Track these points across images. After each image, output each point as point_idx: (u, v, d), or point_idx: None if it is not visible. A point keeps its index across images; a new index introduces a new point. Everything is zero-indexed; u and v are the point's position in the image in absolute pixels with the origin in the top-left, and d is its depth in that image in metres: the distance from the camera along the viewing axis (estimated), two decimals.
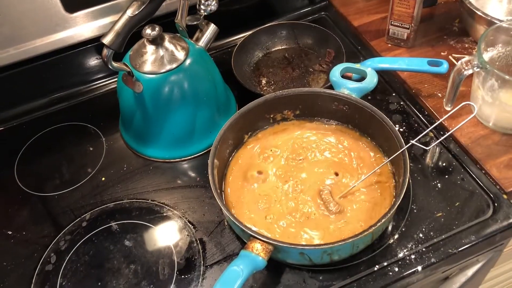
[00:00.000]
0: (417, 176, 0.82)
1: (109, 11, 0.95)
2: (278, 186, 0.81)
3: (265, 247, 0.67)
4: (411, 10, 0.95)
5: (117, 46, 0.72)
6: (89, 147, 0.94)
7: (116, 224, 0.82)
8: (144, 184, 0.87)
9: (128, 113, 0.88)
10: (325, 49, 1.04)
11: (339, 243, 0.65)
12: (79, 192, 0.87)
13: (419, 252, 0.73)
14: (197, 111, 0.87)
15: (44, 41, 0.94)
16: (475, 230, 0.75)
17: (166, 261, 0.77)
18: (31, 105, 1.02)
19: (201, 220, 0.81)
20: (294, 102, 0.87)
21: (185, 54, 0.84)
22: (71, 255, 0.79)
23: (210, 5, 0.87)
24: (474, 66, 0.77)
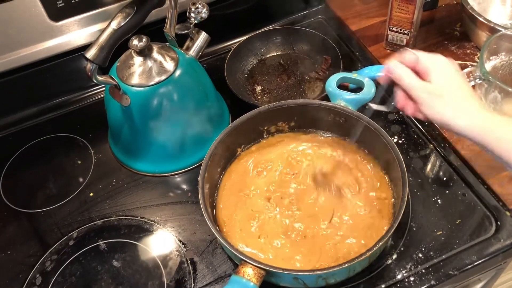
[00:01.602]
0: (416, 192, 0.79)
1: (96, 19, 0.91)
2: (271, 202, 0.77)
3: (257, 272, 0.64)
4: (411, 15, 0.92)
5: (101, 61, 0.68)
6: (77, 160, 0.91)
7: (104, 243, 0.79)
8: (133, 200, 0.84)
9: (116, 126, 0.85)
10: (321, 56, 1.01)
11: (335, 268, 0.62)
12: (67, 209, 0.84)
13: (418, 274, 0.71)
14: (188, 124, 0.84)
15: (30, 50, 0.91)
16: (477, 250, 0.72)
17: (156, 282, 0.74)
18: (17, 116, 0.99)
19: (192, 238, 0.78)
20: (288, 114, 0.84)
21: (174, 64, 0.81)
22: (57, 277, 0.76)
23: (201, 12, 0.83)
24: (476, 78, 0.74)
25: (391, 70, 0.64)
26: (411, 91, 0.62)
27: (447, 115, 0.60)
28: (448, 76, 0.61)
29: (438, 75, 0.61)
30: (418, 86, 0.62)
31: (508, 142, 0.57)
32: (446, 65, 0.62)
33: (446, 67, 0.62)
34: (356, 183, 0.78)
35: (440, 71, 0.62)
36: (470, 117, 0.59)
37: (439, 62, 0.63)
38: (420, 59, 0.63)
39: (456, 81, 0.61)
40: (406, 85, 0.63)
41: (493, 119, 0.59)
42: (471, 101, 0.60)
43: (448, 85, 0.61)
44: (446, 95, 0.60)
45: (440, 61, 0.63)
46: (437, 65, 0.62)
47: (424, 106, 0.62)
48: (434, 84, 0.61)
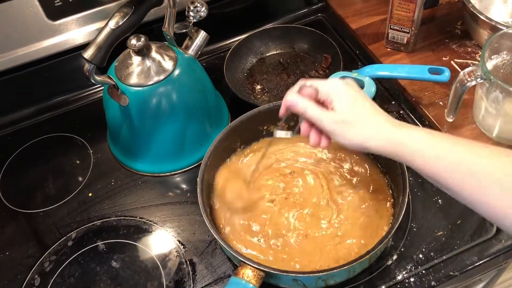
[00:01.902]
0: (416, 192, 0.79)
1: (94, 18, 0.90)
2: (271, 203, 0.77)
3: (256, 274, 0.63)
4: (411, 14, 0.91)
5: (98, 61, 0.68)
6: (76, 160, 0.91)
7: (103, 244, 0.79)
8: (132, 200, 0.84)
9: (115, 126, 0.85)
10: (321, 54, 1.00)
11: (335, 270, 0.62)
12: (65, 209, 0.84)
13: (418, 275, 0.70)
14: (187, 124, 0.83)
15: (28, 49, 0.90)
16: (478, 251, 0.72)
17: (155, 283, 0.73)
18: (15, 115, 0.98)
19: (191, 239, 0.78)
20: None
21: (173, 64, 0.80)
22: (56, 277, 0.76)
23: (200, 11, 0.83)
24: (478, 77, 0.73)
25: (293, 105, 0.62)
26: (318, 123, 0.60)
27: (359, 139, 0.58)
28: (350, 99, 0.59)
29: (340, 101, 0.59)
30: (324, 117, 0.59)
31: (421, 153, 0.54)
32: (345, 88, 0.60)
33: (346, 90, 0.60)
34: (355, 183, 0.78)
35: (341, 97, 0.59)
36: (380, 135, 0.57)
37: (337, 87, 0.60)
38: (319, 88, 0.61)
39: (358, 102, 0.59)
40: (311, 117, 0.61)
41: (400, 132, 0.56)
42: (377, 118, 0.58)
43: (351, 109, 0.59)
44: (352, 121, 0.58)
45: (338, 86, 0.61)
46: (337, 91, 0.60)
47: (334, 135, 0.60)
48: (338, 112, 0.59)
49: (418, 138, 0.55)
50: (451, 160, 0.52)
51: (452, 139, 0.54)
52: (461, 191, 0.52)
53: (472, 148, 0.52)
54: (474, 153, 0.51)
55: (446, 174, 0.52)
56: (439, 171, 0.53)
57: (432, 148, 0.54)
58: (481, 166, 0.50)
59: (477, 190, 0.50)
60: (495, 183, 0.49)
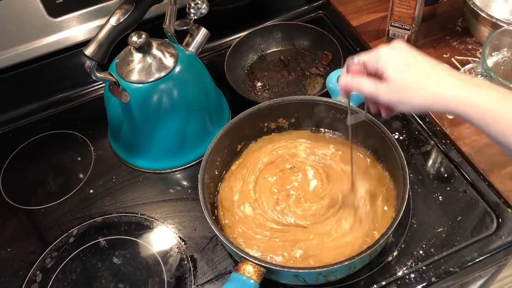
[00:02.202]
0: (417, 188, 0.79)
1: (95, 15, 0.91)
2: (273, 199, 0.77)
3: (257, 270, 0.64)
4: (412, 11, 0.91)
5: (99, 57, 0.68)
6: (77, 157, 0.91)
7: (104, 240, 0.79)
8: (133, 197, 0.84)
9: (116, 123, 0.85)
10: (322, 51, 1.00)
11: (335, 266, 0.62)
12: (67, 206, 0.84)
13: (419, 271, 0.70)
14: (187, 120, 0.83)
15: (29, 47, 0.90)
16: (478, 247, 0.72)
17: (156, 279, 0.74)
18: (17, 112, 0.98)
19: (192, 235, 0.78)
20: (289, 111, 0.83)
21: (174, 61, 0.80)
22: (57, 273, 0.76)
23: (201, 8, 0.83)
24: (478, 74, 0.74)
25: (347, 87, 0.60)
26: (376, 98, 0.58)
27: (423, 104, 0.55)
28: (401, 64, 0.56)
29: (391, 69, 0.56)
30: (380, 90, 0.57)
31: (491, 116, 0.52)
32: (393, 54, 0.57)
33: (394, 56, 0.57)
34: (355, 179, 0.78)
35: (392, 63, 0.56)
36: (443, 95, 0.54)
37: (385, 54, 0.57)
38: (366, 62, 0.59)
39: (411, 64, 0.56)
40: (368, 94, 0.59)
41: (464, 91, 0.53)
42: (437, 76, 0.55)
43: (405, 74, 0.55)
44: (409, 86, 0.55)
45: (385, 53, 0.58)
46: (385, 59, 0.57)
47: (396, 106, 0.57)
48: (392, 81, 0.56)
49: (484, 101, 0.52)
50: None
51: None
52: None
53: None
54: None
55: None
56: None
57: (502, 113, 0.51)
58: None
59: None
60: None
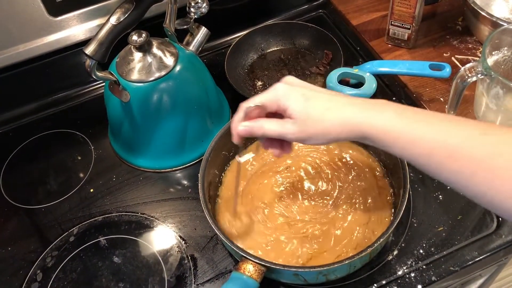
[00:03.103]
0: (417, 187, 0.79)
1: (95, 14, 0.90)
2: (273, 198, 0.77)
3: (257, 269, 0.64)
4: (412, 10, 0.91)
5: (100, 57, 0.68)
6: (77, 156, 0.91)
7: (104, 239, 0.79)
8: (133, 196, 0.84)
9: (116, 122, 0.85)
10: (322, 50, 1.00)
11: (335, 265, 0.62)
12: (67, 205, 0.84)
13: (419, 270, 0.70)
14: (188, 120, 0.83)
15: (29, 46, 0.90)
16: (478, 246, 0.72)
17: (156, 278, 0.74)
18: (17, 111, 0.98)
19: (193, 235, 0.78)
20: None
21: (174, 60, 0.80)
22: (58, 272, 0.76)
23: (201, 7, 0.83)
24: (478, 73, 0.73)
25: (248, 132, 0.57)
26: (285, 138, 0.56)
27: (331, 136, 0.54)
28: (300, 98, 0.54)
29: (294, 104, 0.54)
30: (286, 130, 0.55)
31: (394, 137, 0.50)
32: (289, 89, 0.56)
33: (291, 91, 0.55)
34: (355, 178, 0.78)
35: (291, 100, 0.55)
36: (349, 123, 0.53)
37: (282, 92, 0.56)
38: (265, 103, 0.57)
39: (310, 97, 0.55)
40: (275, 135, 0.56)
41: (367, 116, 0.52)
42: (339, 99, 0.54)
43: (307, 107, 0.54)
44: (315, 119, 0.54)
45: (281, 90, 0.56)
46: (283, 96, 0.55)
47: (305, 142, 0.56)
48: (298, 116, 0.54)
49: (384, 121, 0.51)
50: (428, 143, 0.49)
51: (421, 115, 0.51)
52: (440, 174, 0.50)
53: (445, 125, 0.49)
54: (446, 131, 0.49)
55: (423, 157, 0.50)
56: (416, 155, 0.50)
57: (407, 131, 0.50)
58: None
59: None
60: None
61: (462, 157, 0.47)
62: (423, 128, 0.50)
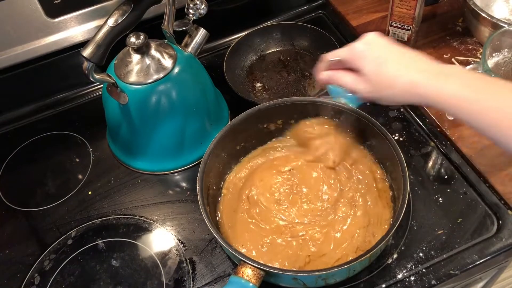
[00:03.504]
0: (417, 190, 0.78)
1: (93, 16, 0.90)
2: (272, 201, 0.77)
3: (256, 273, 0.63)
4: (412, 11, 0.90)
5: (97, 59, 0.67)
6: (75, 158, 0.90)
7: (102, 242, 0.78)
8: (132, 199, 0.83)
9: (114, 124, 0.84)
10: (322, 52, 0.98)
11: (335, 269, 0.62)
12: (65, 207, 0.84)
13: (419, 273, 0.70)
14: (186, 122, 0.83)
15: (26, 48, 0.89)
16: (479, 249, 0.71)
17: (155, 282, 0.73)
18: (15, 113, 0.98)
19: (191, 238, 0.77)
20: (288, 111, 0.82)
21: (172, 62, 0.80)
22: (55, 276, 0.75)
23: (199, 9, 0.82)
24: None
25: (328, 82, 0.64)
26: (358, 94, 0.62)
27: (397, 100, 0.59)
28: (374, 62, 0.59)
29: (367, 66, 0.59)
30: (361, 88, 0.61)
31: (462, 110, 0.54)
32: (366, 48, 0.60)
33: (367, 50, 0.60)
34: (354, 181, 0.78)
35: (366, 62, 0.60)
36: (416, 92, 0.57)
37: (359, 50, 0.61)
38: (342, 59, 0.62)
39: (383, 63, 0.59)
40: (350, 89, 0.63)
41: (436, 85, 0.55)
42: (410, 73, 0.57)
43: (379, 72, 0.59)
44: (384, 84, 0.59)
45: (359, 48, 0.61)
46: (360, 55, 0.60)
47: (380, 101, 0.61)
48: (370, 77, 0.59)
49: (455, 92, 0.54)
50: (496, 114, 0.51)
51: (490, 85, 0.54)
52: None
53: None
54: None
55: (492, 128, 0.52)
56: (485, 125, 0.53)
57: (474, 102, 0.53)
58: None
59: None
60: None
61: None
62: (491, 100, 0.52)
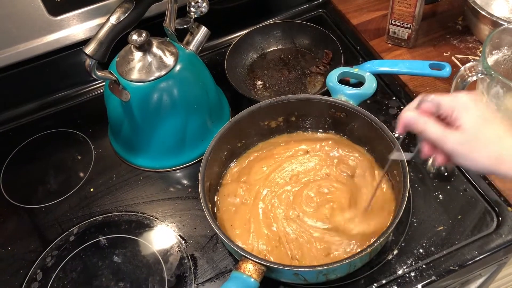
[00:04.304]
0: (417, 187, 0.79)
1: (95, 13, 0.90)
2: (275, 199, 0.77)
3: (257, 268, 0.64)
4: (412, 9, 0.91)
5: (100, 56, 0.68)
6: (77, 156, 0.91)
7: (104, 239, 0.79)
8: (133, 195, 0.84)
9: (116, 121, 0.85)
10: (322, 50, 1.00)
11: (336, 264, 0.62)
12: (67, 204, 0.84)
13: (419, 269, 0.70)
14: (188, 119, 0.83)
15: (29, 45, 0.90)
16: (478, 245, 0.72)
17: (156, 278, 0.74)
18: (17, 111, 0.98)
19: (193, 234, 0.78)
20: (289, 109, 0.83)
21: (174, 59, 0.80)
22: (58, 272, 0.76)
23: (201, 7, 0.83)
24: (478, 73, 0.73)
25: (411, 123, 0.56)
26: (440, 143, 0.54)
27: (490, 162, 0.52)
28: (479, 117, 0.53)
29: (468, 119, 0.52)
30: (448, 137, 0.53)
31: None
32: (473, 104, 0.54)
33: (474, 107, 0.54)
34: (355, 179, 0.78)
35: (469, 114, 0.53)
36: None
37: (465, 103, 0.54)
38: (441, 103, 0.55)
39: (489, 120, 0.53)
40: (432, 137, 0.54)
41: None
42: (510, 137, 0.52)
43: (481, 128, 0.52)
44: (481, 141, 0.52)
45: (465, 101, 0.54)
46: (464, 107, 0.53)
47: (458, 157, 0.53)
48: (465, 131, 0.52)
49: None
50: None
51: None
52: None
53: None
54: None
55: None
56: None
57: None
58: None
59: None
60: None
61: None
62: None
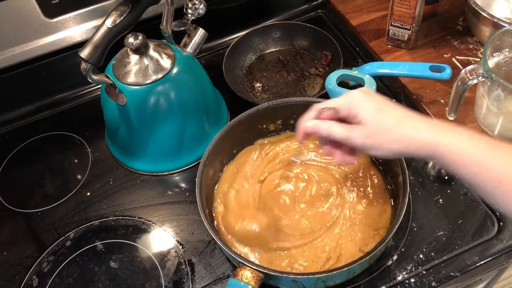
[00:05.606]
0: (417, 191, 0.78)
1: (91, 16, 0.89)
2: (272, 202, 0.76)
3: (255, 275, 0.63)
4: (412, 10, 0.90)
5: (95, 60, 0.67)
6: (74, 159, 0.90)
7: (101, 244, 0.78)
8: (131, 200, 0.83)
9: (113, 125, 0.84)
10: (321, 51, 0.99)
11: (335, 271, 0.61)
12: (63, 209, 0.83)
13: (419, 275, 0.70)
14: (185, 122, 0.82)
15: (25, 48, 0.89)
16: (479, 251, 0.71)
17: (153, 284, 0.73)
18: (13, 114, 0.97)
19: (190, 239, 0.77)
20: (287, 112, 0.82)
21: (171, 62, 0.79)
22: (54, 278, 0.75)
23: (198, 9, 0.82)
24: (479, 76, 0.72)
25: (315, 130, 0.59)
26: (348, 142, 0.57)
27: (397, 147, 0.55)
28: (374, 107, 0.56)
29: (365, 113, 0.55)
30: (354, 134, 0.56)
31: (462, 161, 0.51)
32: (365, 98, 0.57)
33: (367, 100, 0.56)
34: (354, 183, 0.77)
35: (365, 107, 0.56)
36: (417, 138, 0.54)
37: (357, 98, 0.57)
38: (338, 106, 0.58)
39: (384, 108, 0.56)
40: (339, 138, 0.57)
41: (437, 135, 0.53)
42: (411, 120, 0.55)
43: (380, 117, 0.55)
44: (384, 129, 0.55)
45: (357, 97, 0.57)
46: (357, 103, 0.56)
47: (368, 149, 0.56)
48: (367, 124, 0.55)
49: (458, 144, 0.52)
50: (498, 173, 0.50)
51: (495, 145, 0.52)
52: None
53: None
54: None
55: (491, 185, 0.51)
56: (483, 182, 0.51)
57: (479, 158, 0.51)
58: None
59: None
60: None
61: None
62: (496, 158, 0.51)
